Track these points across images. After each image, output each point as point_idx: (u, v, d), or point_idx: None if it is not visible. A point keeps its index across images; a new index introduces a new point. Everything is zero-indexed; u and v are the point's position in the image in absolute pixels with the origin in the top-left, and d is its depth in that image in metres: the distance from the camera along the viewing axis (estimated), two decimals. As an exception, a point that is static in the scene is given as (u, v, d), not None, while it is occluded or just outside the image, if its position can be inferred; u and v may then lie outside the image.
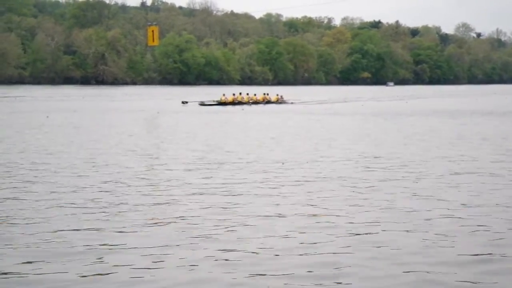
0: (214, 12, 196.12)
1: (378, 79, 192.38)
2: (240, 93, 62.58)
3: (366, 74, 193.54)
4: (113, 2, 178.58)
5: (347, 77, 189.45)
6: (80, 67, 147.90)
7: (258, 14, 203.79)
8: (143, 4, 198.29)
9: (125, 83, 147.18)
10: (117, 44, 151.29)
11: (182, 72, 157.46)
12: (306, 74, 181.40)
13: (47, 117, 40.17)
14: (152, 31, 52.19)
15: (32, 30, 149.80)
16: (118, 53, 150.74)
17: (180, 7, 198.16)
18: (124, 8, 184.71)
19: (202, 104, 57.40)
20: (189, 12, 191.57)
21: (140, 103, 61.83)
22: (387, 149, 22.23)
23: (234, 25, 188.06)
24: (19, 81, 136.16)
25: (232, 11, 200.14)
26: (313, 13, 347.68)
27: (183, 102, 58.46)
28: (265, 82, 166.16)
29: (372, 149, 22.14)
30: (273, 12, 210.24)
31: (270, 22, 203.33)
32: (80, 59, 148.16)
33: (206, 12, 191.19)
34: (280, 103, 62.78)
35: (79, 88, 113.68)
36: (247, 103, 60.85)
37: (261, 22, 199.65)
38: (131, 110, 48.76)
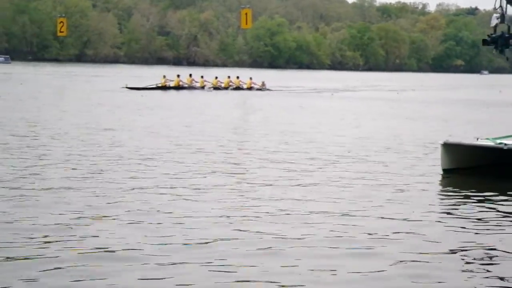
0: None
1: (472, 67, 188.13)
2: (190, 75, 52.93)
3: (459, 62, 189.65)
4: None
5: (440, 64, 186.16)
6: (173, 48, 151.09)
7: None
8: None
9: (216, 65, 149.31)
10: (209, 26, 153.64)
11: (272, 55, 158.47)
12: (397, 61, 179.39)
13: (142, 96, 41.83)
14: (246, 13, 52.84)
15: (129, 11, 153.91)
16: (210, 35, 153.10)
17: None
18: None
19: (129, 88, 47.54)
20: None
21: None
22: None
23: (326, 10, 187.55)
24: (114, 60, 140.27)
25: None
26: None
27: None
28: (355, 68, 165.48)
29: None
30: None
31: (363, 7, 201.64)
32: (173, 40, 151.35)
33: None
34: (259, 89, 52.69)
35: (161, 68, 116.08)
36: (199, 88, 51.50)
37: (353, 6, 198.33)
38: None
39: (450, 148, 14.77)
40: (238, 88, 52.82)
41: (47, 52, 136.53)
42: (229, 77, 54.28)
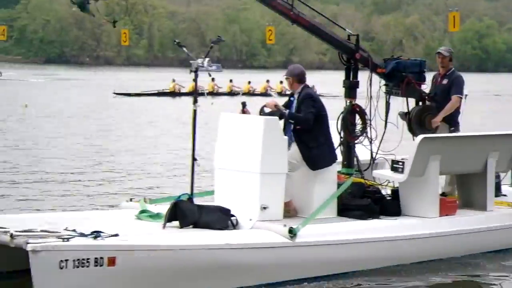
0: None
1: None
2: (213, 78, 42.29)
3: None
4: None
5: None
6: (378, 53, 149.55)
7: None
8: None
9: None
10: (415, 30, 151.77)
11: (481, 59, 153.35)
12: None
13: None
14: (453, 16, 52.06)
15: (334, 17, 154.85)
16: (415, 39, 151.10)
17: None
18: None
19: (117, 94, 43.53)
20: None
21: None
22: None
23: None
24: (319, 66, 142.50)
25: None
26: None
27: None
28: None
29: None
30: None
31: None
32: (378, 46, 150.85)
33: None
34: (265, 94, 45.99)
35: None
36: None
37: None
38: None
39: None
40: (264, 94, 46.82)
41: (255, 60, 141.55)
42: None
